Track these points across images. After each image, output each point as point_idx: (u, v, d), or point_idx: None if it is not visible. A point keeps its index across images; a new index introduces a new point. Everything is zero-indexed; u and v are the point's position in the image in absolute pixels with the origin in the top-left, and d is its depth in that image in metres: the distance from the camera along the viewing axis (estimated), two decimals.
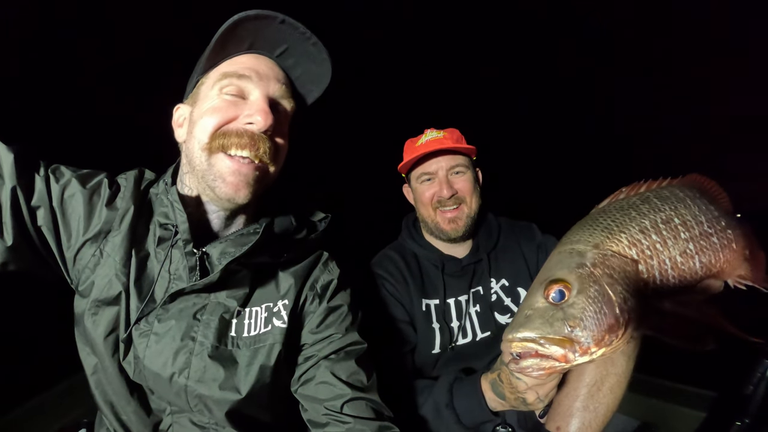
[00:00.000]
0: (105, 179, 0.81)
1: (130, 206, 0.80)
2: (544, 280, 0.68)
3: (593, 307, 0.65)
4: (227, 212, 0.81)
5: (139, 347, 0.76)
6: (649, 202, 0.80)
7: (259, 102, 0.76)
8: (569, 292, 0.66)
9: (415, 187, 1.29)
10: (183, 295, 0.77)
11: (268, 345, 0.80)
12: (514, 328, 0.65)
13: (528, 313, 0.66)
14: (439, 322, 1.22)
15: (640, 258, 0.72)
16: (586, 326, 0.64)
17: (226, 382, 0.76)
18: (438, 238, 1.27)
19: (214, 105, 0.76)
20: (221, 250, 0.79)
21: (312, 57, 0.81)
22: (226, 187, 0.74)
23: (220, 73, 0.77)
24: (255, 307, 0.82)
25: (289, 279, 0.85)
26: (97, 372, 0.79)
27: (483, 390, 0.96)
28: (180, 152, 0.84)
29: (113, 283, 0.77)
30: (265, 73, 0.78)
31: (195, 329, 0.77)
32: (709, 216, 0.82)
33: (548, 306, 0.65)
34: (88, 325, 0.77)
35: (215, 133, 0.74)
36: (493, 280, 1.27)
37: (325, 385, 0.81)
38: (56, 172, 0.78)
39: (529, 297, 0.68)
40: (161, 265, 0.78)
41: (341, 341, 0.85)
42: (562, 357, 0.63)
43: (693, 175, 0.92)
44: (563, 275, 0.67)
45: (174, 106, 0.85)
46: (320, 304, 0.87)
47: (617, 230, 0.74)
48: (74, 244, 0.78)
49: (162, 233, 0.80)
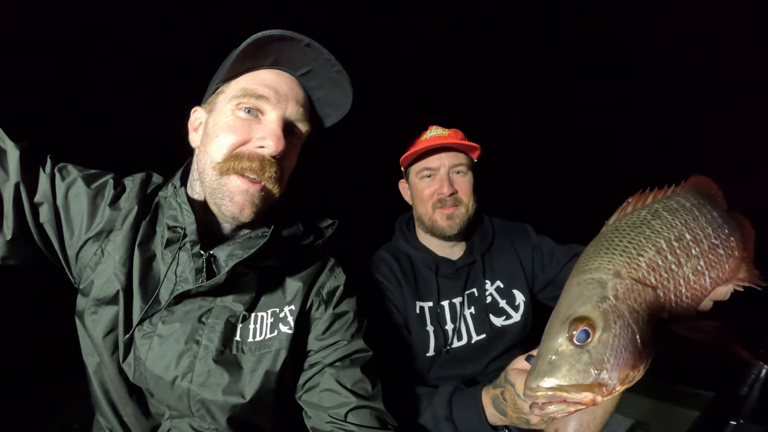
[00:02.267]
0: (111, 180, 0.82)
1: (134, 207, 0.80)
2: (567, 318, 0.63)
3: (619, 346, 0.61)
4: (233, 225, 0.81)
5: (141, 349, 0.76)
6: (660, 217, 0.76)
7: (273, 125, 0.75)
8: (594, 331, 0.61)
9: (414, 182, 1.24)
10: (188, 297, 0.77)
11: (273, 351, 0.79)
12: (539, 376, 0.60)
13: (552, 359, 0.60)
14: (434, 325, 1.20)
15: (658, 282, 0.69)
16: (613, 367, 0.60)
17: (230, 386, 0.75)
18: (434, 236, 1.23)
19: (229, 123, 0.75)
20: (228, 253, 0.79)
21: (335, 83, 0.81)
22: (232, 206, 0.75)
23: (240, 89, 0.76)
24: (261, 312, 0.81)
25: (296, 284, 0.85)
26: (100, 370, 0.79)
27: (484, 405, 0.94)
28: (191, 154, 0.84)
29: (112, 282, 0.76)
30: (284, 93, 0.77)
31: (200, 332, 0.76)
32: (714, 225, 0.79)
33: (573, 349, 0.60)
34: (88, 323, 0.77)
35: (229, 155, 0.74)
36: (488, 282, 1.25)
37: (330, 393, 0.80)
38: (63, 171, 0.78)
39: (550, 337, 0.63)
40: (168, 267, 0.78)
41: (346, 348, 0.85)
42: (590, 401, 0.59)
43: (693, 177, 0.90)
44: (587, 312, 0.62)
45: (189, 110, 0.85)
46: (326, 311, 0.87)
47: (635, 254, 0.69)
48: (76, 243, 0.78)
49: (170, 235, 0.79)
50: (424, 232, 1.26)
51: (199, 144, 0.81)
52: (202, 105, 0.84)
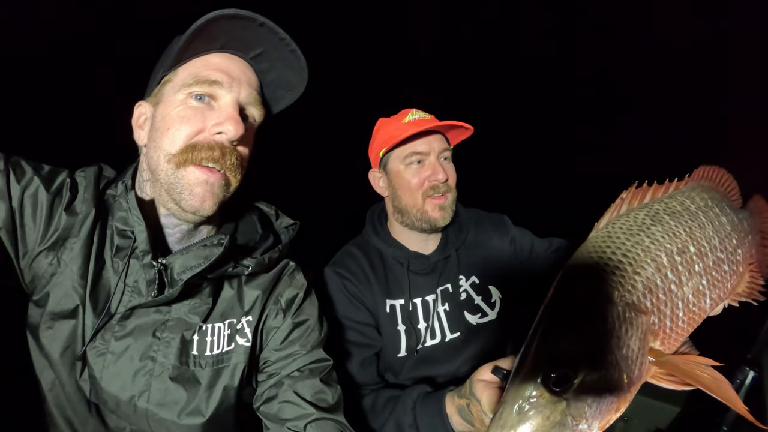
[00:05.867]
0: (68, 179, 0.75)
1: (91, 210, 0.74)
2: (543, 356, 0.51)
3: (603, 389, 0.51)
4: (190, 225, 0.76)
5: (95, 367, 0.72)
6: (662, 223, 0.64)
7: (229, 110, 0.71)
8: (575, 373, 0.50)
9: (396, 170, 1.10)
10: (141, 310, 0.73)
11: (231, 365, 0.77)
12: (504, 427, 0.49)
13: (522, 406, 0.50)
14: (405, 324, 1.12)
15: (653, 307, 0.58)
16: (594, 415, 0.51)
17: (188, 404, 0.73)
18: (417, 229, 1.13)
19: (181, 114, 0.70)
20: (182, 264, 0.75)
21: (288, 63, 0.77)
22: (192, 199, 0.70)
23: (191, 75, 0.71)
24: (218, 323, 0.78)
25: (254, 293, 0.82)
26: (55, 388, 0.75)
27: (448, 413, 0.88)
28: (138, 154, 0.79)
29: (70, 296, 0.72)
30: (237, 76, 0.73)
31: (154, 348, 0.73)
32: (722, 234, 0.68)
33: (548, 397, 0.49)
34: (44, 339, 0.73)
35: (185, 146, 0.69)
36: (463, 278, 1.17)
37: (288, 405, 0.78)
38: (17, 169, 0.72)
39: (521, 379, 0.52)
40: (119, 276, 0.73)
41: (305, 358, 0.83)
42: None
43: (700, 168, 0.77)
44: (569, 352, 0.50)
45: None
46: (284, 320, 0.84)
47: (631, 272, 0.57)
48: (31, 250, 0.73)
49: (120, 241, 0.75)
50: (403, 225, 1.14)
51: (146, 141, 0.75)
52: (145, 99, 0.77)
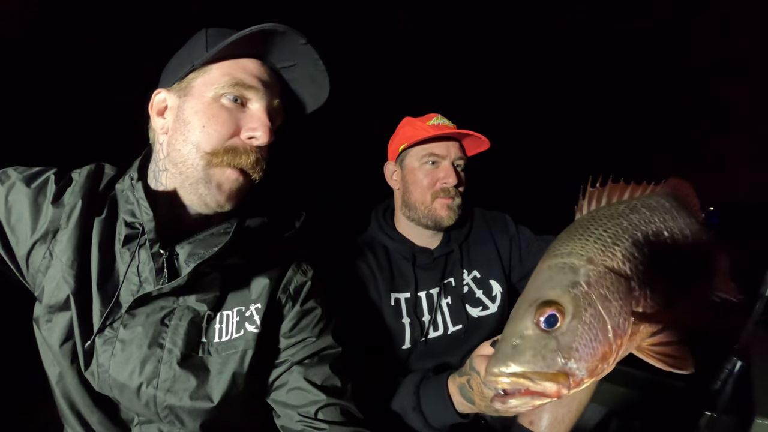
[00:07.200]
0: (52, 176, 0.77)
1: (77, 201, 0.75)
2: (534, 301, 0.58)
3: (588, 334, 0.57)
4: (203, 216, 0.78)
5: (102, 356, 0.73)
6: (639, 212, 0.73)
7: (263, 117, 0.74)
8: (563, 316, 0.56)
9: (412, 167, 1.18)
10: (150, 299, 0.73)
11: (240, 351, 0.77)
12: (500, 360, 0.55)
13: (516, 343, 0.55)
14: (410, 317, 1.16)
15: (633, 273, 0.65)
16: (581, 356, 0.56)
17: (198, 391, 0.73)
18: (422, 225, 1.19)
19: (215, 112, 0.72)
20: (189, 252, 0.75)
21: (315, 81, 0.80)
22: (220, 195, 0.73)
23: (228, 76, 0.73)
24: (226, 311, 0.79)
25: (262, 281, 0.82)
26: (61, 381, 0.76)
27: (450, 393, 0.91)
28: (150, 143, 0.80)
29: (61, 287, 0.73)
30: (270, 85, 0.77)
31: (163, 335, 0.73)
32: (692, 230, 0.77)
33: (539, 334, 0.55)
34: (45, 332, 0.74)
35: (221, 148, 0.72)
36: (465, 272, 1.23)
37: (299, 391, 0.79)
38: (2, 177, 0.75)
39: (515, 321, 0.58)
40: (127, 266, 0.74)
41: (315, 345, 0.83)
42: (556, 393, 0.54)
43: (672, 179, 0.88)
44: (556, 297, 0.58)
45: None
46: (293, 308, 0.85)
47: (611, 242, 0.66)
48: (24, 248, 0.75)
49: (128, 232, 0.75)
50: (409, 219, 1.21)
51: (170, 131, 0.76)
52: (166, 87, 0.78)
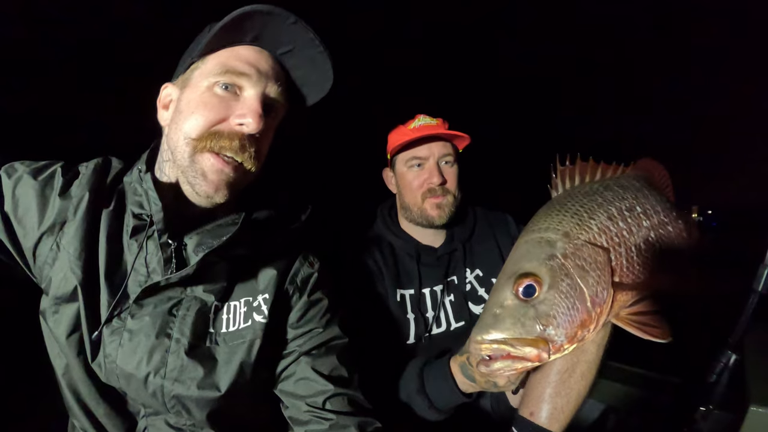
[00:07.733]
0: (59, 168, 0.77)
1: (85, 193, 0.75)
2: (513, 273, 0.61)
3: (566, 303, 0.60)
4: (207, 207, 0.77)
5: (110, 346, 0.72)
6: (612, 190, 0.77)
7: (253, 102, 0.72)
8: (540, 287, 0.60)
9: (401, 172, 1.22)
10: (158, 289, 0.73)
11: (247, 341, 0.76)
12: (482, 328, 0.57)
13: (497, 312, 0.58)
14: (414, 313, 1.18)
15: (610, 245, 0.68)
16: (560, 323, 0.59)
17: (205, 380, 0.72)
18: (419, 225, 1.22)
19: (206, 100, 0.72)
20: (197, 242, 0.75)
21: (316, 64, 0.78)
22: (206, 185, 0.72)
23: (220, 65, 0.73)
24: (234, 301, 0.79)
25: (270, 272, 0.82)
26: (68, 373, 0.76)
27: (453, 373, 0.93)
28: (159, 135, 0.80)
29: (69, 278, 0.72)
30: (264, 71, 0.74)
31: (171, 325, 0.73)
32: (663, 206, 0.80)
33: (518, 303, 0.58)
34: (51, 324, 0.74)
35: (206, 132, 0.71)
36: (468, 270, 1.24)
37: (306, 381, 0.79)
38: (9, 171, 0.76)
39: (496, 292, 0.61)
40: (135, 257, 0.74)
41: (322, 336, 0.83)
42: (536, 357, 0.57)
43: (643, 160, 0.91)
44: (533, 268, 0.61)
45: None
46: (300, 298, 0.84)
47: (587, 217, 0.69)
48: (31, 240, 0.74)
49: (136, 223, 0.75)
50: (408, 220, 1.25)
51: (169, 122, 0.77)
52: (172, 81, 0.80)
